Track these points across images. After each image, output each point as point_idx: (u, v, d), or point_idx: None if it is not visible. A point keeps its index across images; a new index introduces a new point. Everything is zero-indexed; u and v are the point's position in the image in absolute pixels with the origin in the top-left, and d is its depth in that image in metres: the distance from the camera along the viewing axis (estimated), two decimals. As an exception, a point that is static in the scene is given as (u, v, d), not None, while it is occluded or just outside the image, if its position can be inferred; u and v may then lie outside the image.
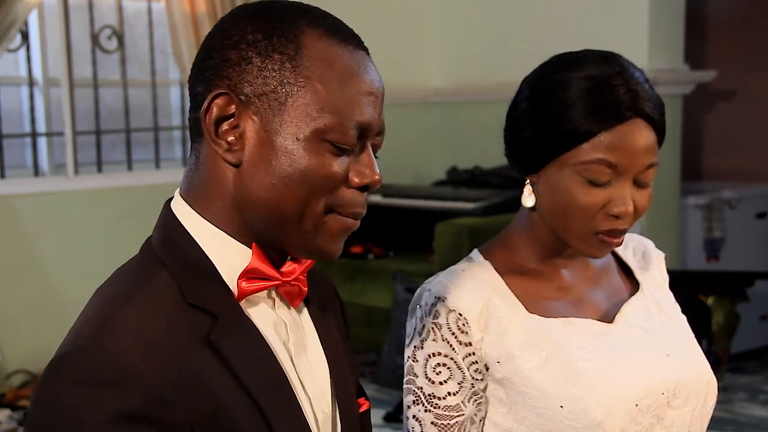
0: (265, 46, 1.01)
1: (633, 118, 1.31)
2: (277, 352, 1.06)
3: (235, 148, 1.02)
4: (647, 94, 1.33)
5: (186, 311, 1.01)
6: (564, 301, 1.42)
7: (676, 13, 4.97)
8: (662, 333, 1.44)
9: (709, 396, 1.42)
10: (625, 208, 1.32)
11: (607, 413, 1.31)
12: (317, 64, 1.01)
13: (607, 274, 1.49)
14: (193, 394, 0.96)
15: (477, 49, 5.59)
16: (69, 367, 0.96)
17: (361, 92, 1.03)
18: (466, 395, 1.37)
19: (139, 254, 1.09)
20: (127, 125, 4.92)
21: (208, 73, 1.03)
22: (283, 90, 1.01)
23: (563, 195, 1.34)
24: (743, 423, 4.28)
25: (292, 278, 1.08)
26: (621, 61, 1.35)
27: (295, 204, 1.02)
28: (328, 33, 1.03)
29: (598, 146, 1.31)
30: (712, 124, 5.95)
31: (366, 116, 1.03)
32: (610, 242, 1.35)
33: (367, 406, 1.23)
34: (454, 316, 1.36)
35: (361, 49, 1.06)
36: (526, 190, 1.39)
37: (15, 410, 4.12)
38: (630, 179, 1.33)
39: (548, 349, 1.35)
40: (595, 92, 1.31)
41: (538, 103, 1.35)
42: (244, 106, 1.02)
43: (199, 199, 1.06)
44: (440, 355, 1.37)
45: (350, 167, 1.04)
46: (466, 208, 4.75)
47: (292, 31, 1.02)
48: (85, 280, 4.58)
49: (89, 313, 1.03)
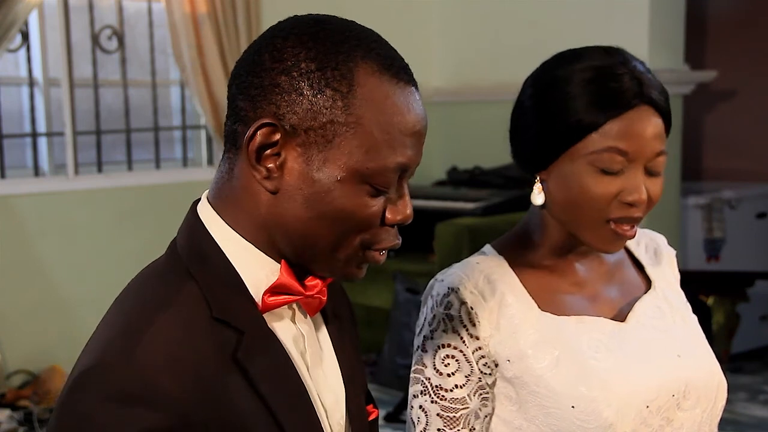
0: (318, 78, 0.99)
1: (640, 105, 1.31)
2: (297, 365, 1.06)
3: (274, 176, 1.01)
4: (652, 82, 1.33)
5: (213, 327, 1.00)
6: (577, 297, 1.41)
7: (676, 13, 4.97)
8: (674, 333, 1.43)
9: (719, 398, 1.41)
10: (638, 196, 1.32)
11: (618, 414, 1.30)
12: (368, 105, 1.00)
13: (621, 270, 1.48)
14: (219, 414, 0.96)
15: (477, 49, 5.59)
16: (96, 382, 0.95)
17: (407, 134, 1.03)
18: (472, 389, 1.36)
19: (165, 259, 1.08)
20: (128, 125, 4.92)
21: (255, 92, 1.01)
22: (332, 128, 1.00)
23: (576, 187, 1.33)
24: (743, 423, 4.28)
25: (315, 291, 1.08)
26: (622, 51, 1.35)
27: (329, 240, 1.03)
28: (381, 68, 1.02)
29: (607, 135, 1.30)
30: (712, 124, 5.95)
31: (410, 157, 1.03)
32: (623, 233, 1.34)
33: (376, 414, 1.23)
34: (467, 309, 1.36)
35: (410, 83, 1.05)
36: (535, 188, 1.38)
37: (15, 410, 4.12)
38: (641, 167, 1.33)
39: (560, 348, 1.34)
40: (599, 82, 1.31)
41: (543, 99, 1.35)
42: (289, 136, 1.00)
43: (228, 210, 1.05)
44: (450, 346, 1.36)
45: (386, 204, 1.04)
46: (467, 208, 4.75)
47: (346, 64, 1.00)
48: (85, 280, 4.61)
49: (118, 323, 1.01)
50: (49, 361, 4.38)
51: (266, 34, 1.05)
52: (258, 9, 4.85)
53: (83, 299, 4.55)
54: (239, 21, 4.80)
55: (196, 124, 5.18)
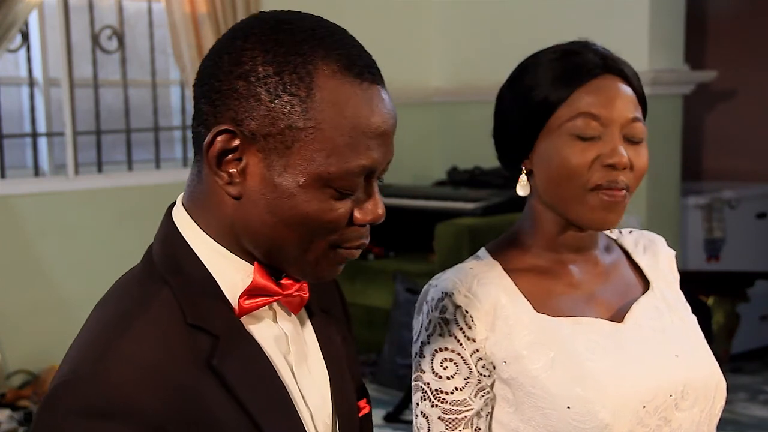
0: (275, 83, 0.97)
1: (604, 73, 1.35)
2: (278, 367, 1.05)
3: (236, 181, 1.00)
4: (616, 57, 1.38)
5: (187, 333, 0.99)
6: (573, 298, 1.41)
7: (676, 13, 4.97)
8: (672, 333, 1.42)
9: (717, 398, 1.40)
10: (618, 158, 1.32)
11: (615, 415, 1.30)
12: (328, 108, 0.98)
13: (617, 270, 1.48)
14: (195, 423, 0.95)
15: (477, 49, 5.59)
16: (69, 397, 0.94)
17: (370, 136, 1.00)
18: (473, 390, 1.36)
19: (141, 266, 1.07)
20: (128, 125, 4.92)
21: (215, 96, 1.00)
22: (291, 134, 0.98)
23: (556, 159, 1.35)
24: (743, 423, 4.28)
25: (294, 290, 1.06)
26: (588, 40, 1.41)
27: (296, 243, 1.01)
28: (342, 69, 0.99)
29: (575, 103, 1.34)
30: (712, 124, 5.95)
31: (374, 159, 1.00)
32: (610, 199, 1.33)
33: (368, 410, 1.22)
34: (461, 312, 1.36)
35: (376, 82, 1.02)
36: (520, 179, 1.40)
37: (15, 410, 4.12)
38: (617, 132, 1.34)
39: (556, 349, 1.34)
40: (562, 59, 1.37)
41: (513, 87, 1.41)
42: (249, 142, 0.99)
43: (200, 213, 1.05)
44: (447, 350, 1.36)
45: (354, 205, 1.02)
46: (467, 208, 4.75)
47: (305, 67, 0.98)
48: (85, 280, 4.60)
49: (89, 337, 1.00)
50: (49, 361, 4.38)
51: (228, 34, 1.03)
52: (258, 9, 4.85)
53: (83, 299, 4.53)
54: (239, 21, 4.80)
55: (196, 124, 5.18)
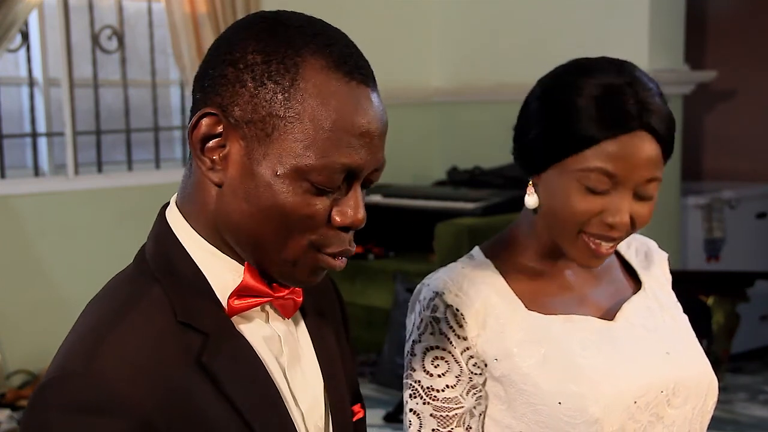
0: (260, 71, 0.98)
1: (637, 129, 1.31)
2: (270, 368, 1.05)
3: (218, 168, 1.00)
4: (656, 107, 1.33)
5: (177, 330, 0.99)
6: (565, 299, 1.42)
7: (676, 13, 4.97)
8: (663, 332, 1.44)
9: (709, 395, 1.42)
10: (619, 219, 1.32)
11: (605, 410, 1.31)
12: (311, 100, 0.97)
13: (610, 272, 1.49)
14: (184, 418, 0.95)
15: (477, 49, 5.59)
16: (58, 392, 0.94)
17: (353, 134, 0.98)
18: (464, 389, 1.37)
19: (133, 265, 1.07)
20: (127, 125, 4.92)
21: (206, 83, 1.01)
22: (271, 122, 0.97)
23: (560, 199, 1.34)
24: (743, 423, 4.28)
25: (286, 293, 1.06)
26: (635, 72, 1.35)
27: (273, 236, 1.00)
28: (331, 65, 0.98)
29: (599, 154, 1.31)
30: (712, 124, 5.95)
31: (356, 159, 0.98)
32: (596, 248, 1.35)
33: (362, 415, 1.21)
34: (452, 311, 1.37)
35: (366, 83, 1.00)
36: (528, 189, 1.40)
37: (15, 410, 4.12)
38: (629, 191, 1.33)
39: (547, 346, 1.35)
40: (603, 100, 1.31)
41: (547, 104, 1.36)
42: (233, 128, 0.99)
43: (190, 211, 1.05)
44: (438, 348, 1.37)
45: (333, 206, 1.00)
46: (467, 208, 4.75)
47: (293, 58, 0.98)
48: (85, 280, 4.59)
49: (80, 333, 1.01)
50: (49, 361, 4.33)
51: (228, 29, 1.04)
52: (258, 9, 4.85)
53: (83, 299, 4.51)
54: (239, 21, 4.80)
55: (196, 124, 5.18)
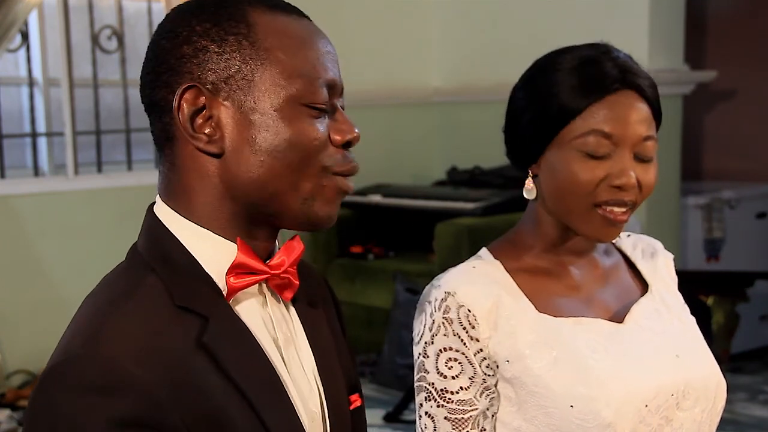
0: (217, 32, 1.02)
1: (622, 89, 1.34)
2: (267, 350, 1.06)
3: (214, 138, 1.02)
4: (635, 69, 1.36)
5: (176, 314, 1.00)
6: (573, 300, 1.41)
7: (676, 13, 4.97)
8: (672, 334, 1.43)
9: (718, 398, 1.41)
10: (627, 179, 1.33)
11: (617, 413, 1.31)
12: (272, 35, 1.03)
13: (617, 273, 1.49)
14: (188, 397, 0.96)
15: (477, 49, 5.59)
16: (64, 374, 0.95)
17: (320, 52, 1.05)
18: (478, 390, 1.36)
19: (126, 261, 1.09)
20: (127, 125, 4.92)
21: (166, 76, 1.04)
22: (248, 67, 1.02)
23: (564, 174, 1.34)
24: (743, 423, 4.28)
25: (282, 270, 1.07)
26: (608, 45, 1.39)
27: (288, 174, 1.03)
28: (271, 8, 1.05)
29: (589, 118, 1.33)
30: (712, 124, 5.95)
31: (330, 74, 1.05)
32: (613, 218, 1.34)
33: (359, 403, 1.22)
34: (464, 311, 1.36)
35: (305, 17, 1.08)
36: (527, 182, 1.40)
37: (15, 410, 4.12)
38: (629, 151, 1.34)
39: (558, 348, 1.35)
40: (581, 69, 1.34)
41: (529, 89, 1.39)
42: (213, 94, 1.02)
43: (181, 201, 1.06)
44: (451, 350, 1.36)
45: (328, 128, 1.06)
46: (466, 208, 4.75)
47: (239, 11, 1.03)
48: (85, 280, 4.57)
49: (79, 322, 1.02)
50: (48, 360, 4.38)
51: (156, 31, 1.09)
52: (258, 9, 4.85)
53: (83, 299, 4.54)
54: (239, 21, 4.80)
55: (196, 124, 5.19)
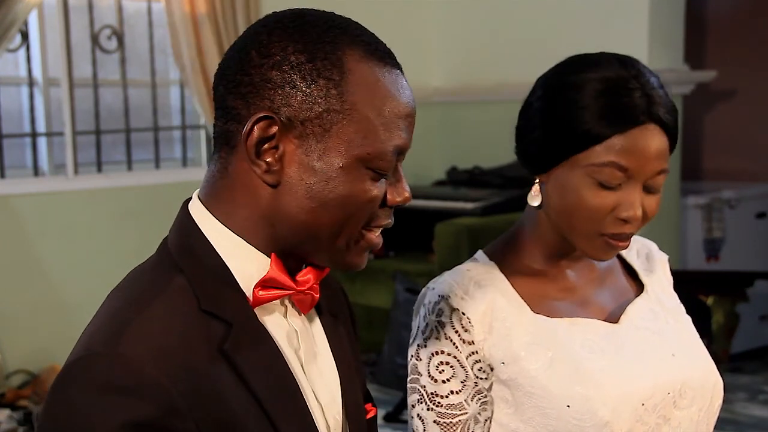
0: (309, 70, 1.00)
1: (647, 122, 1.31)
2: (290, 360, 1.06)
3: (274, 169, 1.02)
4: (662, 100, 1.33)
5: (201, 319, 1.00)
6: (569, 302, 1.42)
7: (676, 13, 4.97)
8: (668, 334, 1.44)
9: (715, 397, 1.42)
10: (633, 213, 1.33)
11: (614, 413, 1.31)
12: (361, 90, 1.01)
13: (612, 275, 1.49)
14: (205, 404, 0.96)
15: (477, 49, 5.59)
16: (82, 372, 0.95)
17: (400, 116, 1.04)
18: (469, 394, 1.37)
19: (156, 256, 1.09)
20: (127, 125, 4.92)
21: (245, 89, 1.02)
22: (329, 117, 1.01)
23: (572, 196, 1.34)
24: (743, 423, 4.28)
25: (307, 287, 1.08)
26: (637, 65, 1.35)
27: (333, 226, 1.03)
28: (367, 53, 1.03)
29: (610, 149, 1.31)
30: (712, 124, 5.95)
31: (404, 140, 1.05)
32: (615, 245, 1.35)
33: (374, 413, 1.23)
34: (458, 315, 1.36)
35: (397, 67, 1.06)
36: (533, 189, 1.39)
37: (15, 410, 4.12)
38: (640, 184, 1.33)
39: (554, 349, 1.35)
40: (609, 95, 1.31)
41: (551, 103, 1.35)
42: (286, 128, 1.01)
43: (221, 207, 1.06)
44: (443, 353, 1.37)
45: (386, 187, 1.06)
46: (466, 208, 4.75)
47: (335, 53, 1.01)
48: (85, 280, 4.61)
49: (104, 318, 1.02)
50: (49, 361, 4.38)
51: (249, 31, 1.06)
52: (257, 9, 4.85)
53: (83, 299, 4.54)
54: (239, 21, 4.79)
55: (196, 124, 5.18)
